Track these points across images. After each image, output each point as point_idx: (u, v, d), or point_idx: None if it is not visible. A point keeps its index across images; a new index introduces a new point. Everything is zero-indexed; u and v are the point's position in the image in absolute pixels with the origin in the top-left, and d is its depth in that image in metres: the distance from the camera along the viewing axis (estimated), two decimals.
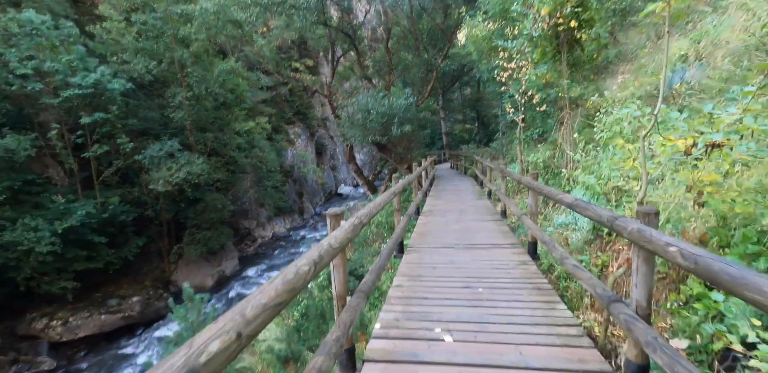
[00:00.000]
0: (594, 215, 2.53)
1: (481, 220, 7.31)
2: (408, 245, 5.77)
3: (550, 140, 8.23)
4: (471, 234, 6.28)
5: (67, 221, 13.69)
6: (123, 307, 15.56)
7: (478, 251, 5.32)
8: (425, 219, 7.58)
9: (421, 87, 15.94)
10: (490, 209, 8.58)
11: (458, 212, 8.27)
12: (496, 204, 10.00)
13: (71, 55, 14.74)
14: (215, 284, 19.28)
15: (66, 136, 15.12)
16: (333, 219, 2.70)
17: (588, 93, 6.55)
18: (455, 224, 7.02)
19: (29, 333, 13.72)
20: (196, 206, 18.37)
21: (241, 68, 19.61)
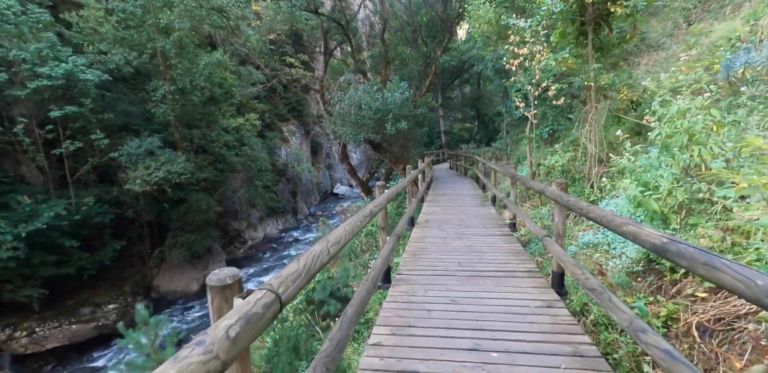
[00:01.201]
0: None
1: (486, 234, 6.05)
2: (397, 271, 4.50)
3: (570, 140, 6.99)
4: (476, 255, 5.01)
5: (33, 223, 12.41)
6: (97, 315, 14.31)
7: (486, 282, 4.05)
8: (420, 232, 6.31)
9: (419, 82, 14.67)
10: (496, 218, 7.32)
11: (459, 222, 7.00)
12: (502, 211, 8.74)
13: (40, 43, 13.42)
14: (200, 288, 18.00)
15: (36, 132, 13.81)
16: None
17: (621, 81, 5.31)
18: (456, 240, 5.75)
19: None
20: (179, 207, 17.09)
21: (229, 61, 18.30)
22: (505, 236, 5.95)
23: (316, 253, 1.77)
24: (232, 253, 21.41)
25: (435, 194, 10.88)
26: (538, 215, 6.65)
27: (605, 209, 2.43)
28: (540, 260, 5.37)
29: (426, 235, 6.14)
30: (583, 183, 5.96)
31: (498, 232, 6.21)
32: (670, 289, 3.05)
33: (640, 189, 3.41)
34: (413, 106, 12.83)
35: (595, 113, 5.64)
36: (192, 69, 16.56)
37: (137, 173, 14.16)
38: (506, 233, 6.13)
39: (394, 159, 13.65)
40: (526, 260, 4.77)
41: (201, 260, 18.60)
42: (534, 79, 6.87)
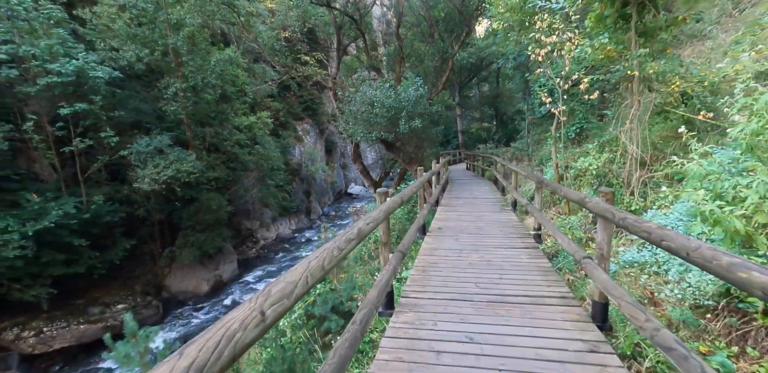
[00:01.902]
0: None
1: (508, 246, 5.27)
2: (402, 291, 3.79)
3: (605, 139, 6.14)
4: (496, 273, 4.25)
5: (41, 222, 12.14)
6: (106, 315, 14.02)
7: (510, 311, 3.29)
8: (432, 242, 5.56)
9: (435, 78, 13.86)
10: (518, 226, 6.51)
11: (476, 230, 6.21)
12: (524, 217, 7.92)
13: (51, 39, 13.15)
14: (211, 289, 17.67)
15: (47, 129, 13.57)
16: None
17: (672, 70, 4.45)
18: (473, 253, 4.98)
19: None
20: (190, 207, 16.72)
21: (242, 59, 17.84)
22: (530, 248, 5.15)
23: None
24: (244, 253, 21.03)
25: (450, 196, 10.08)
26: (566, 224, 5.84)
27: (691, 238, 1.66)
28: (571, 278, 4.57)
29: (438, 245, 5.39)
30: (622, 189, 5.12)
31: (521, 243, 5.42)
32: (764, 338, 2.24)
33: (715, 202, 2.61)
34: (428, 103, 12.06)
35: (638, 108, 4.81)
36: (204, 66, 16.15)
37: (146, 172, 13.80)
38: (530, 244, 5.33)
39: (408, 159, 12.91)
40: (557, 281, 3.98)
41: (212, 259, 18.24)
42: (563, 72, 6.05)
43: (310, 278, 1.39)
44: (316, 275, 1.46)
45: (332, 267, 1.60)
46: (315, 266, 1.46)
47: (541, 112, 9.86)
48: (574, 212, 6.68)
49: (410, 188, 4.32)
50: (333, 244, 1.75)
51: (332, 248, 1.70)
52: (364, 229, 2.21)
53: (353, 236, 1.99)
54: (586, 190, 6.05)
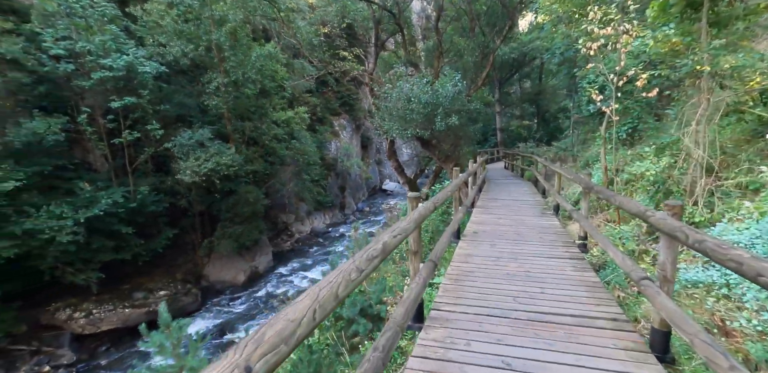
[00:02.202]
0: None
1: (550, 255, 4.86)
2: (432, 306, 3.51)
3: (666, 141, 5.53)
4: (537, 286, 3.89)
5: (91, 209, 12.77)
6: (149, 301, 14.62)
7: (553, 333, 2.95)
8: (467, 248, 5.23)
9: (475, 74, 13.33)
10: (561, 233, 6.05)
11: (515, 236, 5.82)
12: (567, 223, 7.40)
13: (105, 35, 13.73)
14: (247, 280, 18.08)
15: (99, 122, 14.23)
16: None
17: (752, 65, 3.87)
18: (511, 262, 4.63)
19: (52, 323, 13.06)
20: (228, 199, 17.12)
21: (282, 54, 17.99)
22: (575, 259, 4.73)
23: None
24: (279, 245, 21.38)
25: (487, 198, 9.64)
26: (615, 234, 5.33)
27: None
28: (621, 295, 4.13)
29: (473, 252, 5.06)
30: (683, 198, 4.58)
31: (564, 252, 5.00)
32: None
33: None
34: (467, 100, 11.61)
35: (707, 108, 4.24)
36: (244, 61, 16.39)
37: (187, 164, 14.20)
38: (575, 254, 4.90)
39: (443, 157, 12.54)
40: (607, 299, 3.58)
41: (249, 251, 18.65)
42: (617, 67, 5.50)
43: (319, 311, 1.14)
44: (327, 307, 1.22)
45: (348, 293, 1.36)
46: (325, 296, 1.22)
47: (589, 111, 9.20)
48: (625, 220, 6.14)
49: (444, 191, 4.02)
50: (351, 264, 1.50)
51: (349, 270, 1.46)
52: (390, 243, 1.97)
53: (376, 253, 1.74)
54: (640, 197, 5.51)
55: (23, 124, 12.40)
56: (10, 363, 11.89)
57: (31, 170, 12.55)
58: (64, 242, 11.97)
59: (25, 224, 11.65)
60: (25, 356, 12.26)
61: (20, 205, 12.15)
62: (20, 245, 11.69)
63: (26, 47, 13.01)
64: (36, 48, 13.21)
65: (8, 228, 11.51)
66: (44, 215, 12.06)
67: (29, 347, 12.49)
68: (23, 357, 12.20)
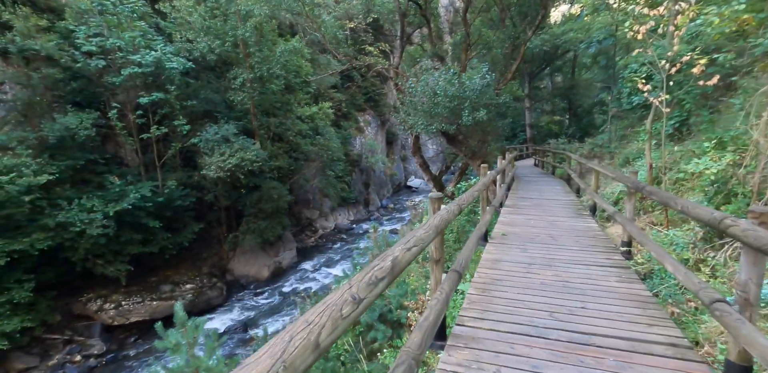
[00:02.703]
0: None
1: (590, 263, 4.33)
2: (456, 321, 3.08)
3: (731, 135, 4.84)
4: (578, 299, 3.40)
5: (120, 203, 12.96)
6: (176, 294, 14.79)
7: (602, 364, 2.46)
8: (495, 252, 4.76)
9: (504, 67, 12.64)
10: (600, 237, 5.47)
11: (548, 240, 5.28)
12: (606, 225, 6.78)
13: (134, 32, 13.86)
14: (271, 275, 18.10)
15: (129, 117, 14.42)
16: None
17: None
18: (545, 270, 4.14)
19: (84, 313, 13.39)
20: (253, 195, 17.12)
21: (306, 49, 17.78)
22: (619, 268, 4.19)
23: None
24: (303, 241, 21.33)
25: (516, 196, 9.05)
26: (665, 239, 4.73)
27: None
28: (676, 312, 3.58)
29: (502, 257, 4.58)
30: (748, 200, 3.95)
31: (606, 260, 4.45)
32: None
33: None
34: (495, 93, 11.01)
35: None
36: (269, 57, 16.26)
37: (212, 159, 14.21)
38: (619, 262, 4.35)
39: (470, 153, 11.99)
40: (662, 318, 3.06)
41: (273, 246, 18.66)
42: (670, 52, 4.86)
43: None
44: (300, 366, 0.81)
45: (339, 336, 0.97)
46: (298, 349, 0.81)
47: (631, 103, 8.44)
48: (674, 222, 5.49)
49: (471, 191, 3.55)
50: (343, 294, 1.09)
51: (341, 303, 1.04)
52: (402, 259, 1.56)
53: (383, 274, 1.33)
54: (694, 199, 4.88)
55: (57, 119, 12.69)
56: (45, 351, 12.24)
57: (65, 164, 12.85)
58: (95, 234, 12.18)
59: (57, 217, 11.93)
60: (59, 344, 12.61)
61: (54, 198, 12.48)
62: (53, 237, 11.99)
63: (60, 44, 13.31)
64: (69, 45, 13.49)
65: (42, 220, 11.80)
66: (76, 208, 12.31)
67: (62, 336, 12.84)
68: (56, 346, 12.55)
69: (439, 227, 2.27)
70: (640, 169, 7.77)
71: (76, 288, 13.58)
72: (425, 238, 1.95)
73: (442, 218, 2.32)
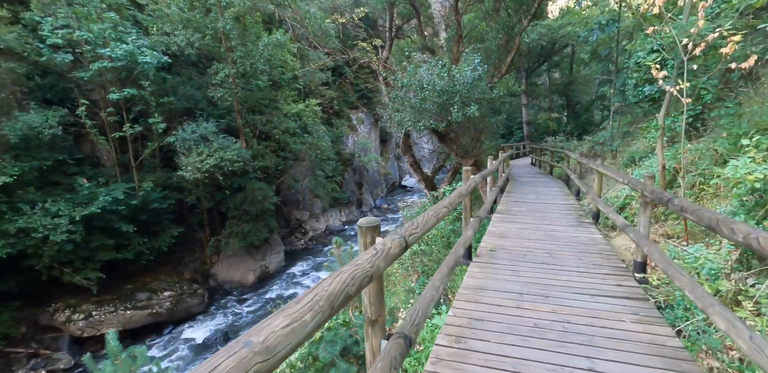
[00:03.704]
0: None
1: (598, 291, 3.38)
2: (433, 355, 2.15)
3: None
4: (581, 352, 2.47)
5: (88, 207, 12.01)
6: (152, 302, 13.86)
7: None
8: (479, 276, 3.79)
9: (499, 60, 11.70)
10: (606, 252, 4.54)
11: (545, 258, 4.34)
12: (611, 237, 5.85)
13: (104, 23, 12.88)
14: (257, 280, 17.18)
15: (100, 114, 13.45)
16: None
17: None
18: (541, 304, 3.19)
19: (51, 324, 12.47)
20: (236, 196, 16.16)
21: (292, 44, 16.80)
22: (634, 299, 3.25)
23: None
24: (292, 243, 20.40)
25: (510, 200, 8.10)
26: (686, 257, 3.80)
27: None
28: (714, 367, 2.65)
29: (487, 283, 3.63)
30: None
31: (617, 286, 3.52)
32: None
33: None
34: (489, 88, 10.06)
35: None
36: (253, 51, 15.28)
37: (189, 160, 13.25)
38: (633, 292, 3.41)
39: (462, 152, 11.05)
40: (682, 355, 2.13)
41: (259, 250, 17.73)
42: (694, 28, 3.93)
43: None
44: None
45: None
46: None
47: (639, 95, 7.50)
48: (694, 235, 4.56)
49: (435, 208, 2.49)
50: None
51: None
52: None
53: None
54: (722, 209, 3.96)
55: (19, 117, 11.72)
56: (7, 366, 11.34)
57: (29, 165, 11.89)
58: (59, 241, 11.25)
59: (18, 222, 11.00)
60: (22, 359, 11.69)
61: (16, 202, 11.54)
62: (14, 244, 11.06)
63: (25, 36, 12.34)
64: (35, 37, 12.53)
65: (2, 226, 10.88)
66: (39, 213, 11.37)
67: (27, 349, 11.92)
68: (20, 360, 11.63)
69: (362, 281, 1.33)
70: (649, 169, 6.84)
71: (42, 298, 12.65)
72: (323, 308, 1.01)
73: (371, 263, 1.35)
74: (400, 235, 1.70)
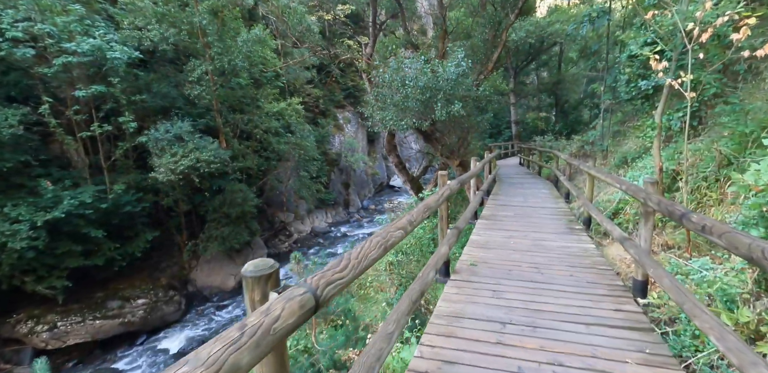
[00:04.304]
0: None
1: (594, 319, 2.85)
2: None
3: None
4: None
5: (51, 212, 11.20)
6: (125, 310, 13.08)
7: None
8: (456, 299, 3.22)
9: (485, 56, 11.18)
10: (600, 265, 4.01)
11: (533, 274, 3.79)
12: (600, 243, 5.34)
13: (69, 16, 12.07)
14: (237, 285, 16.44)
15: (67, 113, 12.63)
16: None
17: None
18: (528, 339, 2.61)
19: (13, 337, 11.65)
20: (215, 199, 15.42)
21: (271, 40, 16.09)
22: (638, 330, 2.71)
23: None
24: (276, 246, 19.68)
25: (496, 203, 7.56)
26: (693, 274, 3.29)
27: None
28: None
29: (464, 309, 3.05)
30: None
31: (615, 312, 2.98)
32: None
33: None
34: (474, 85, 9.53)
35: None
36: (231, 47, 14.55)
37: (162, 161, 12.50)
38: (634, 318, 2.87)
39: (447, 152, 10.51)
40: None
41: (240, 254, 17.01)
42: (699, 11, 3.43)
43: None
44: None
45: None
46: None
47: (632, 90, 7.00)
48: (698, 247, 4.05)
49: (384, 233, 1.75)
50: None
51: None
52: None
53: None
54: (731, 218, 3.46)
55: None
56: None
57: None
58: (19, 248, 10.45)
59: None
60: None
61: None
62: None
63: None
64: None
65: None
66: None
67: None
68: None
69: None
70: (643, 171, 6.35)
71: (3, 308, 11.81)
72: None
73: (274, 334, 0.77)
74: (307, 288, 1.12)
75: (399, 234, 1.88)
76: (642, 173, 6.05)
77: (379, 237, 1.68)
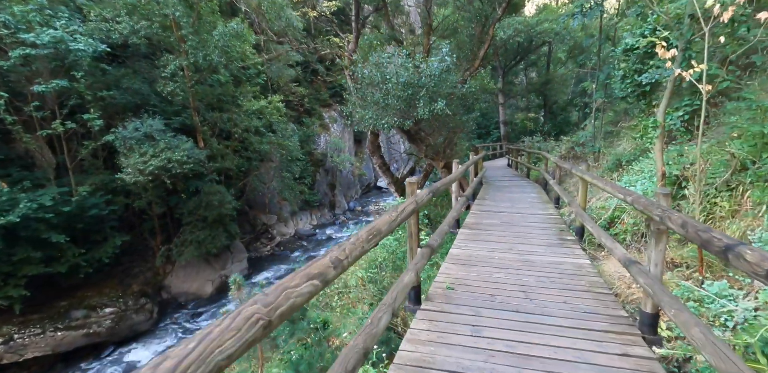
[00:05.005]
0: None
1: (597, 367, 2.27)
2: None
3: None
4: None
5: (5, 216, 10.30)
6: (90, 320, 12.20)
7: None
8: (425, 339, 2.52)
9: (472, 52, 10.59)
10: (596, 287, 3.40)
11: (520, 299, 3.15)
12: (596, 257, 4.74)
13: (27, 5, 11.17)
14: (215, 291, 15.64)
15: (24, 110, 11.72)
16: None
17: None
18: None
19: None
20: (191, 200, 14.57)
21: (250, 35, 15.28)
22: None
23: None
24: (258, 250, 18.88)
25: (482, 209, 6.93)
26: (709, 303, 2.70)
27: None
28: None
29: (433, 360, 2.34)
30: None
31: (620, 357, 2.35)
32: None
33: None
34: (461, 82, 8.90)
35: None
36: (208, 41, 13.74)
37: (131, 161, 11.66)
38: (646, 367, 2.26)
39: (432, 153, 9.87)
40: None
41: (218, 258, 16.19)
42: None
43: None
44: None
45: None
46: None
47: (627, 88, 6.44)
48: (711, 266, 3.46)
49: (307, 270, 1.20)
50: None
51: None
52: None
53: None
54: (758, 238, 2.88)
55: None
56: None
57: None
58: None
59: None
60: None
61: None
62: None
63: None
64: None
65: None
66: None
67: None
68: None
69: None
70: (640, 176, 5.78)
71: None
72: None
73: None
74: None
75: (307, 290, 1.20)
76: (639, 178, 5.48)
77: (259, 304, 1.00)
